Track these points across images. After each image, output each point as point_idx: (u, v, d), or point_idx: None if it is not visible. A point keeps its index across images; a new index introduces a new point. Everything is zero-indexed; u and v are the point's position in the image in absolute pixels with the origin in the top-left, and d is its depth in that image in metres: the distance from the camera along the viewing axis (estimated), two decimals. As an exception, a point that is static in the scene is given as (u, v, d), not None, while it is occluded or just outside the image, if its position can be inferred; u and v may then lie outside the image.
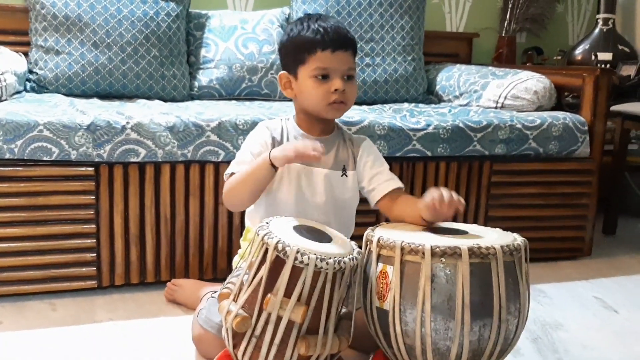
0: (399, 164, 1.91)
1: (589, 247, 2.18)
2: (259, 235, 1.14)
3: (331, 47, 1.33)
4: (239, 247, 1.79)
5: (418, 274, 1.11)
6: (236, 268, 1.36)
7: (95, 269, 1.68)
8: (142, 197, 1.70)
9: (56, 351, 1.38)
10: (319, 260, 1.08)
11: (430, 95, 2.58)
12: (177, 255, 1.76)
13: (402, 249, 1.13)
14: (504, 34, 2.99)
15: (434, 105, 2.39)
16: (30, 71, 2.14)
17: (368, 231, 1.24)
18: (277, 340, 1.11)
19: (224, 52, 2.30)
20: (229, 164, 1.40)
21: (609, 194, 2.45)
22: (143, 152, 1.67)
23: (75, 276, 1.67)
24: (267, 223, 1.18)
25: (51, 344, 1.42)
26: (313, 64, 1.34)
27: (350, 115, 1.86)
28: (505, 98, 2.21)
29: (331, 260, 1.09)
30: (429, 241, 1.12)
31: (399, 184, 1.41)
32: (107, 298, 1.68)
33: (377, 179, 1.41)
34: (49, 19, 2.11)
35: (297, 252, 1.08)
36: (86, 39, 2.11)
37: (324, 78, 1.34)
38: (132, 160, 1.67)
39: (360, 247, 1.22)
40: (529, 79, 2.20)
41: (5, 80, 1.85)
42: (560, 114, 2.11)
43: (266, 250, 1.11)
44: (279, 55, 1.47)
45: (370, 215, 1.77)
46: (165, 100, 2.15)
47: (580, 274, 2.03)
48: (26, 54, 2.16)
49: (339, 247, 1.16)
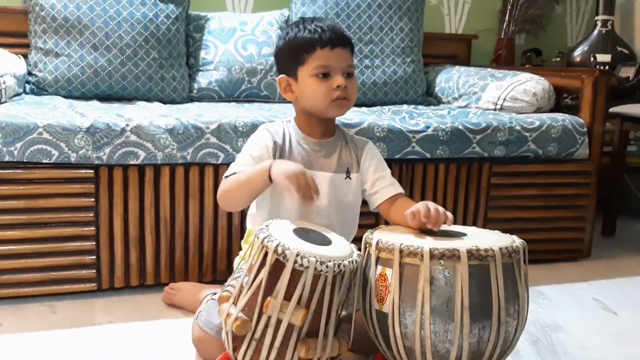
0: (399, 166, 1.91)
1: (588, 248, 2.18)
2: (258, 238, 1.14)
3: (330, 45, 1.34)
4: (239, 249, 1.79)
5: (417, 276, 1.11)
6: (237, 269, 1.36)
7: (94, 271, 1.68)
8: (141, 200, 1.70)
9: (56, 353, 1.38)
10: (318, 263, 1.08)
11: (429, 97, 2.58)
12: (177, 258, 1.76)
13: (401, 251, 1.13)
14: (502, 36, 3.00)
15: (433, 107, 2.39)
16: (30, 73, 2.14)
17: (367, 234, 1.24)
18: (277, 343, 1.11)
19: (223, 54, 2.30)
20: (228, 166, 1.40)
21: (608, 195, 2.46)
22: (142, 154, 1.67)
23: (74, 278, 1.67)
24: (266, 226, 1.18)
25: (51, 346, 1.42)
26: (313, 63, 1.34)
27: (350, 117, 1.86)
28: (504, 100, 2.21)
29: (331, 263, 1.09)
30: (428, 244, 1.13)
31: (399, 189, 1.42)
32: (106, 300, 1.68)
33: (380, 183, 1.41)
34: (48, 21, 2.11)
35: (297, 255, 1.08)
36: (85, 41, 2.11)
37: (324, 76, 1.34)
38: (132, 162, 1.67)
39: (359, 249, 1.23)
40: (528, 80, 2.21)
41: (5, 83, 1.85)
42: (560, 116, 2.12)
43: (266, 253, 1.11)
44: (275, 60, 1.46)
45: (369, 217, 1.77)
46: (165, 102, 2.15)
47: (579, 275, 2.03)
48: (25, 56, 2.17)
49: (338, 250, 1.16)
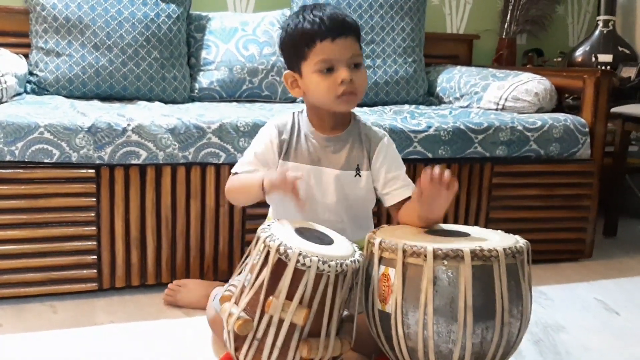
0: (400, 166, 1.91)
1: (590, 248, 2.17)
2: (260, 237, 1.14)
3: (330, 36, 1.26)
4: (240, 249, 1.80)
5: (420, 276, 1.11)
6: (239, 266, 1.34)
7: (95, 271, 1.68)
8: (143, 199, 1.70)
9: (56, 353, 1.38)
10: (320, 262, 1.08)
11: (430, 97, 2.57)
12: (178, 258, 1.75)
13: (404, 251, 1.13)
14: (504, 36, 2.99)
15: (434, 107, 2.39)
16: (31, 73, 2.14)
17: (370, 234, 1.24)
18: (279, 343, 1.10)
19: (224, 54, 2.30)
20: (230, 165, 1.41)
21: (610, 195, 2.45)
22: (144, 154, 1.67)
23: (75, 278, 1.67)
24: (269, 225, 1.18)
25: (51, 346, 1.41)
26: (315, 58, 1.27)
27: (351, 117, 1.86)
28: (506, 100, 2.20)
29: (333, 263, 1.09)
30: (431, 244, 1.12)
31: (411, 191, 1.34)
32: (107, 300, 1.68)
33: (392, 184, 1.36)
34: (49, 21, 2.11)
35: (299, 254, 1.08)
36: (87, 40, 2.11)
37: (328, 71, 1.27)
38: (133, 162, 1.67)
39: (362, 249, 1.22)
40: (529, 80, 2.20)
41: (6, 82, 1.85)
42: (561, 116, 2.11)
43: (268, 253, 1.11)
44: (281, 54, 1.41)
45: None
46: (166, 102, 2.15)
47: (581, 275, 2.03)
48: (26, 56, 2.16)
49: (340, 250, 1.16)
